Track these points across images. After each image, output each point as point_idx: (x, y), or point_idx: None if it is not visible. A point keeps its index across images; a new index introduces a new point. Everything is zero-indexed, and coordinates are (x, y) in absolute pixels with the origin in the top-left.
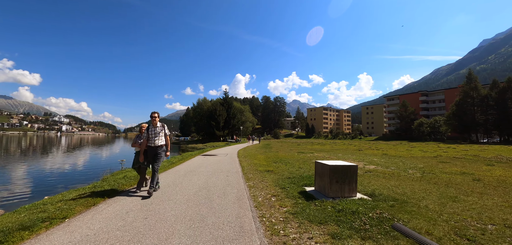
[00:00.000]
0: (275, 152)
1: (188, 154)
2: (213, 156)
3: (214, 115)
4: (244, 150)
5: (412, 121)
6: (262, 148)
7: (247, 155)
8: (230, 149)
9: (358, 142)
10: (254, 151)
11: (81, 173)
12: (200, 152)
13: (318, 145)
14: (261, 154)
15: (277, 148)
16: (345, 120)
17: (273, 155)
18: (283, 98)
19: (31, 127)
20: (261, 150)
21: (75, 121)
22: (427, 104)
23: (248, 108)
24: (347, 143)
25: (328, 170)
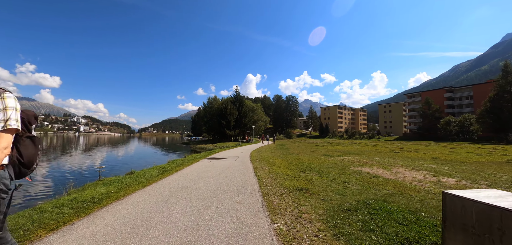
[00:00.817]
0: (295, 154)
1: (192, 157)
2: (220, 160)
3: (225, 113)
4: (257, 151)
5: (437, 120)
6: (277, 150)
7: (263, 159)
8: (241, 150)
9: (380, 142)
10: (270, 154)
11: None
12: (207, 154)
13: (339, 146)
14: (279, 157)
15: (295, 150)
16: (360, 119)
17: (294, 158)
18: (295, 97)
19: (51, 127)
20: (277, 151)
21: (92, 122)
22: (452, 101)
23: (260, 106)
24: (370, 144)
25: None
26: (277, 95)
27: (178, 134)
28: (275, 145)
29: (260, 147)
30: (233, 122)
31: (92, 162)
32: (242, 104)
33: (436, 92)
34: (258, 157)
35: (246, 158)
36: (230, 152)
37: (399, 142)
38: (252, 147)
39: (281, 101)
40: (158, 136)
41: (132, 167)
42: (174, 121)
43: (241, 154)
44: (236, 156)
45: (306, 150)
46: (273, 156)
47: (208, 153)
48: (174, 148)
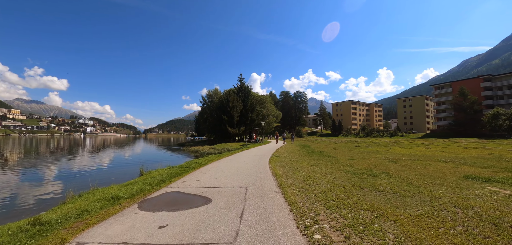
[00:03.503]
0: (360, 161)
1: (150, 177)
2: (196, 206)
3: (226, 107)
4: (281, 162)
5: (476, 113)
6: (311, 156)
7: (327, 199)
8: (249, 158)
9: (419, 141)
10: (311, 168)
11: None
12: (186, 171)
13: (382, 147)
14: (357, 189)
15: (340, 154)
16: (376, 115)
17: (389, 182)
18: (304, 93)
19: (58, 129)
20: (314, 159)
21: (99, 123)
22: (491, 92)
23: (270, 99)
24: (417, 144)
25: None
26: (284, 92)
27: (184, 135)
28: (298, 147)
29: (278, 150)
30: (237, 118)
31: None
32: (248, 95)
33: (470, 81)
34: (298, 185)
35: (268, 196)
36: (230, 163)
37: (437, 139)
38: (265, 150)
39: (289, 97)
40: (163, 137)
41: None
42: (179, 121)
43: (250, 171)
44: (238, 187)
45: (357, 155)
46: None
47: (196, 165)
48: (154, 155)
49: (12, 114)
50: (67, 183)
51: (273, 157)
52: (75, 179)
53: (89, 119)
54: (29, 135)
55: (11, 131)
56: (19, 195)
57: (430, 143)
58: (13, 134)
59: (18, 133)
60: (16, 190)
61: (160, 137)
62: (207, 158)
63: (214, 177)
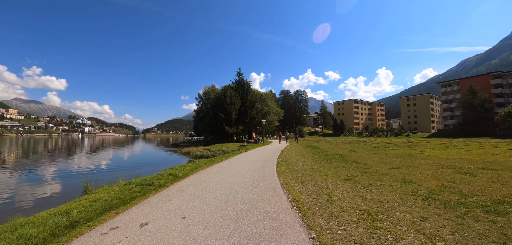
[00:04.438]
0: (415, 174)
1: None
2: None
3: (223, 104)
4: (294, 172)
5: (487, 111)
6: (331, 162)
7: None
8: (249, 165)
9: (435, 141)
10: (348, 186)
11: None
12: (145, 193)
13: (407, 149)
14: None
15: (370, 160)
16: (378, 115)
17: None
18: (305, 92)
19: (56, 129)
20: (339, 168)
21: (97, 123)
22: (501, 89)
23: (271, 96)
24: (433, 143)
25: None
26: (284, 91)
27: (183, 134)
28: (303, 148)
29: (283, 152)
30: (235, 115)
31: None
32: (247, 91)
33: (479, 78)
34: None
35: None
36: (217, 178)
37: (448, 140)
38: (267, 154)
39: (289, 96)
40: (162, 137)
41: None
42: (179, 121)
43: (248, 200)
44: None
45: (396, 162)
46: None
47: (172, 177)
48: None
49: (10, 114)
50: None
51: (280, 163)
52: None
53: (88, 119)
54: (27, 135)
55: (8, 131)
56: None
57: (448, 143)
58: (10, 134)
59: (15, 133)
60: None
61: (159, 137)
62: (191, 166)
63: (184, 211)
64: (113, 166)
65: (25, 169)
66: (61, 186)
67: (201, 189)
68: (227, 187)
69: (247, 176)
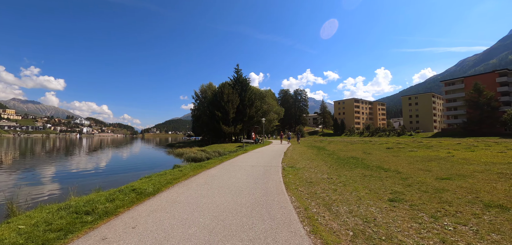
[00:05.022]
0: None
1: None
2: None
3: (220, 101)
4: (309, 186)
5: (493, 110)
6: (350, 168)
7: None
8: (247, 173)
9: (446, 141)
10: (401, 211)
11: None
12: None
13: (425, 150)
14: None
15: (399, 165)
16: (379, 114)
17: None
18: (304, 91)
19: (54, 129)
20: (366, 177)
21: (95, 123)
22: (508, 87)
23: (271, 93)
24: (445, 144)
25: None
26: (283, 90)
27: (181, 134)
28: (308, 149)
29: (287, 154)
30: (233, 114)
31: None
32: (245, 88)
33: (484, 76)
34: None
35: None
36: (200, 197)
37: (466, 139)
38: (268, 156)
39: (288, 96)
40: (161, 137)
41: None
42: (177, 121)
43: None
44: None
45: (406, 165)
46: None
47: (137, 194)
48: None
49: (7, 114)
50: None
51: (287, 169)
52: None
53: (86, 119)
54: (24, 135)
55: (5, 132)
56: None
57: (463, 143)
58: (7, 135)
59: (12, 134)
60: None
61: (157, 138)
62: (173, 174)
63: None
64: (96, 169)
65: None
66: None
67: (167, 225)
68: (211, 219)
69: (243, 193)
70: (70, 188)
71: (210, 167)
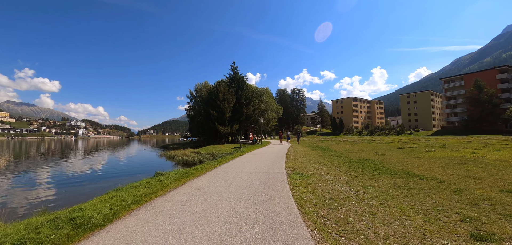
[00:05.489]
0: None
1: None
2: None
3: (215, 100)
4: (326, 199)
5: (495, 107)
6: (375, 175)
7: None
8: (243, 185)
9: (454, 139)
10: None
11: None
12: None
13: (440, 149)
14: None
15: (432, 171)
16: (377, 113)
17: None
18: (302, 90)
19: (49, 132)
20: (417, 194)
21: (91, 125)
22: (508, 84)
23: (269, 92)
24: (459, 142)
25: None
26: (280, 89)
27: (179, 135)
28: (311, 150)
29: (290, 157)
30: (229, 113)
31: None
32: (242, 86)
33: (484, 73)
34: None
35: None
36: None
37: (470, 137)
38: (268, 160)
39: (286, 95)
40: (157, 138)
41: None
42: (174, 122)
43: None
44: None
45: (440, 169)
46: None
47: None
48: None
49: (1, 117)
50: None
51: (293, 177)
52: None
53: (82, 121)
54: (18, 138)
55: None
56: None
57: (475, 141)
58: (0, 138)
59: (6, 136)
60: None
61: (154, 139)
62: (149, 186)
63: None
64: (72, 176)
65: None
66: None
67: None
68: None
69: (237, 223)
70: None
71: (198, 175)
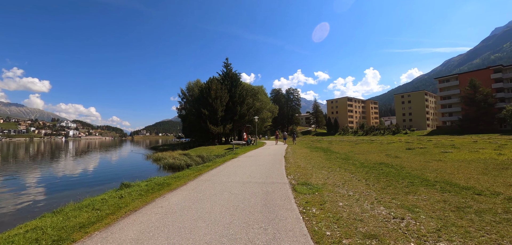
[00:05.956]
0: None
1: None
2: None
3: (207, 98)
4: (364, 235)
5: (490, 106)
6: (408, 190)
7: None
8: (232, 209)
9: (459, 140)
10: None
11: None
12: None
13: (462, 150)
14: None
15: (469, 179)
16: (372, 112)
17: None
18: (297, 90)
19: (38, 133)
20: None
21: (82, 126)
22: (502, 84)
23: (264, 90)
24: (463, 142)
25: None
26: (275, 89)
27: (172, 136)
28: (312, 152)
29: (289, 160)
30: (222, 112)
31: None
32: (236, 84)
33: (479, 73)
34: None
35: None
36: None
37: (470, 137)
38: (265, 164)
39: (280, 95)
40: (151, 139)
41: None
42: (168, 122)
43: None
44: None
45: (480, 177)
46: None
47: None
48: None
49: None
50: None
51: (300, 191)
52: None
53: (72, 122)
54: (5, 139)
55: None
56: None
57: (480, 141)
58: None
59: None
60: None
61: (147, 140)
62: (98, 209)
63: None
64: (37, 185)
65: None
66: None
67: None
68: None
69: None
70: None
71: (176, 187)
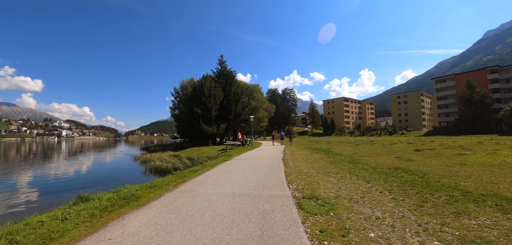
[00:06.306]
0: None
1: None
2: None
3: (200, 96)
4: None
5: (487, 107)
6: (456, 212)
7: None
8: (216, 236)
9: (464, 140)
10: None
11: None
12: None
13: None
14: None
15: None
16: (368, 113)
17: None
18: (293, 90)
19: (30, 133)
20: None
21: (76, 126)
22: (498, 84)
23: (260, 89)
24: (467, 142)
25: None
26: (271, 89)
27: (167, 136)
28: (312, 154)
29: (289, 164)
30: (216, 111)
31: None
32: (230, 81)
33: (475, 73)
34: None
35: None
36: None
37: (470, 137)
38: (262, 170)
39: (277, 95)
40: (146, 139)
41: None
42: (163, 123)
43: None
44: None
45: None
46: None
47: None
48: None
49: None
50: None
51: (309, 209)
52: None
53: (66, 122)
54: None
55: None
56: None
57: (486, 141)
58: None
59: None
60: None
61: (142, 140)
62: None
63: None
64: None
65: None
66: None
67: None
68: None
69: None
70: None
71: (144, 203)
